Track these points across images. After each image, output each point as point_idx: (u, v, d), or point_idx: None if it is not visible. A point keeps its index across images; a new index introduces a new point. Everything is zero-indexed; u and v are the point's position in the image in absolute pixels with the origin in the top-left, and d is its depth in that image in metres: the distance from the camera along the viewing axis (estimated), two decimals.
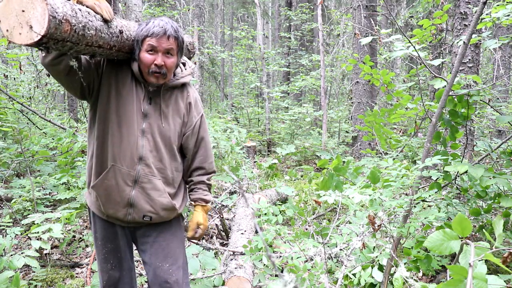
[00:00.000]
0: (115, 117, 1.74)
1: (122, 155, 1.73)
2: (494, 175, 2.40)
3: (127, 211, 1.78)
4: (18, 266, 2.47)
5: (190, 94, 1.89)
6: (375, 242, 2.94)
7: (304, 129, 9.62)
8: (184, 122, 1.86)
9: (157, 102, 1.79)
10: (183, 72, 1.88)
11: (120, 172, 1.74)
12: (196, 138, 1.91)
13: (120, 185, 1.75)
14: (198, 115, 1.91)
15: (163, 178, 1.81)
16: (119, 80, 1.76)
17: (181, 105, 1.85)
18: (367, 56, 2.91)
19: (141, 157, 1.75)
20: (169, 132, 1.80)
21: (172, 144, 1.82)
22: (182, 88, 1.88)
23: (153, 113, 1.77)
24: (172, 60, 1.72)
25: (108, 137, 1.75)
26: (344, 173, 2.84)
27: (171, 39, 1.68)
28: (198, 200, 1.96)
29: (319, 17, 8.28)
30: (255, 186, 5.65)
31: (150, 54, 1.68)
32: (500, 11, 2.52)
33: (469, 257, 1.19)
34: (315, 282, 2.33)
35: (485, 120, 7.04)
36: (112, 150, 1.74)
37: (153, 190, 1.78)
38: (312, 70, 12.21)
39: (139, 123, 1.75)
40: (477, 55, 4.32)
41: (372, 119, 3.16)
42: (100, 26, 1.45)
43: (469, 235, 1.29)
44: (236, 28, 15.93)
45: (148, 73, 1.70)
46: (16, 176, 5.13)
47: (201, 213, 1.95)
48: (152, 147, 1.77)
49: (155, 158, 1.78)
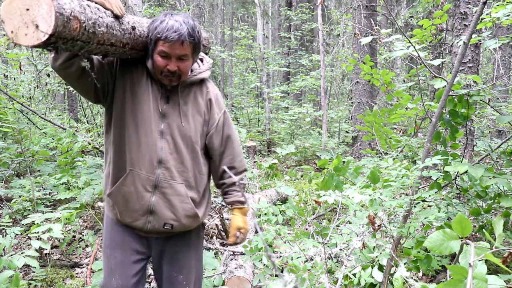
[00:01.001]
0: (131, 119, 1.64)
1: (140, 159, 1.63)
2: (494, 175, 2.40)
3: (147, 219, 1.67)
4: (18, 266, 2.47)
5: (210, 90, 1.77)
6: (375, 242, 2.94)
7: (304, 129, 9.62)
8: (205, 120, 1.74)
9: (175, 100, 1.68)
10: (200, 68, 1.76)
11: (138, 177, 1.63)
12: (221, 137, 1.78)
13: (139, 191, 1.64)
14: (220, 111, 1.78)
15: (185, 182, 1.69)
16: (134, 80, 1.66)
17: (201, 102, 1.73)
18: (367, 56, 2.91)
19: (160, 160, 1.64)
20: (189, 132, 1.68)
21: (194, 145, 1.70)
22: (200, 84, 1.76)
23: (171, 112, 1.67)
24: (187, 63, 1.61)
25: (125, 141, 1.65)
26: (344, 173, 2.84)
27: (186, 44, 1.55)
28: (234, 203, 1.84)
29: (319, 17, 8.28)
30: (255, 186, 5.65)
31: (163, 58, 1.56)
32: (500, 11, 2.52)
33: (469, 257, 1.19)
34: (315, 282, 2.33)
35: (485, 120, 7.04)
36: (130, 154, 1.64)
37: (175, 196, 1.66)
38: (312, 70, 12.20)
39: (157, 124, 1.64)
40: (477, 55, 4.32)
41: (372, 119, 3.16)
42: (111, 23, 1.36)
43: (469, 235, 1.29)
44: (236, 28, 15.94)
45: (161, 75, 1.60)
46: (16, 176, 5.13)
47: (240, 217, 1.84)
48: (172, 149, 1.66)
49: (176, 161, 1.66)
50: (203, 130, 1.73)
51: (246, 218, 1.86)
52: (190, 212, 1.70)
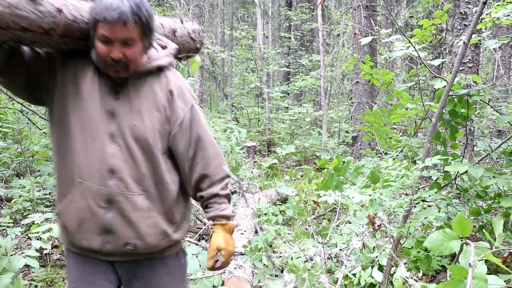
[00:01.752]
0: (75, 121, 1.36)
1: (88, 169, 1.35)
2: (494, 175, 2.41)
3: (104, 239, 1.38)
4: (19, 267, 2.47)
5: (170, 80, 1.44)
6: (375, 242, 2.94)
7: (304, 129, 9.62)
8: (166, 117, 1.41)
9: (125, 94, 1.38)
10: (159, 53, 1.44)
11: (89, 191, 1.35)
12: (188, 138, 1.44)
13: (91, 208, 1.35)
14: (186, 106, 1.45)
15: (145, 193, 1.39)
16: (78, 74, 1.38)
17: (160, 95, 1.41)
18: (367, 56, 2.91)
19: (112, 169, 1.35)
20: (145, 132, 1.37)
21: (152, 148, 1.39)
22: (158, 74, 1.44)
23: (121, 110, 1.37)
24: (135, 49, 1.31)
25: (70, 148, 1.36)
26: (344, 173, 2.84)
27: (130, 25, 1.25)
28: (215, 218, 1.49)
29: (319, 17, 8.28)
30: (255, 186, 5.65)
31: (105, 44, 1.28)
32: (500, 11, 2.52)
33: (469, 257, 1.19)
34: (315, 282, 2.33)
35: (485, 120, 7.04)
36: (77, 163, 1.36)
37: (134, 210, 1.37)
38: (312, 70, 12.20)
39: (106, 125, 1.36)
40: (477, 55, 4.32)
41: (372, 119, 3.16)
42: (16, 2, 1.12)
43: (469, 235, 1.29)
44: (236, 28, 15.94)
45: (105, 66, 1.32)
46: (16, 176, 5.13)
47: (222, 235, 1.48)
48: (126, 155, 1.36)
49: (131, 169, 1.37)
50: (164, 129, 1.42)
51: (230, 237, 1.51)
52: (155, 228, 1.41)
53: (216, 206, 1.49)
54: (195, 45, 1.66)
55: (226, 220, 1.50)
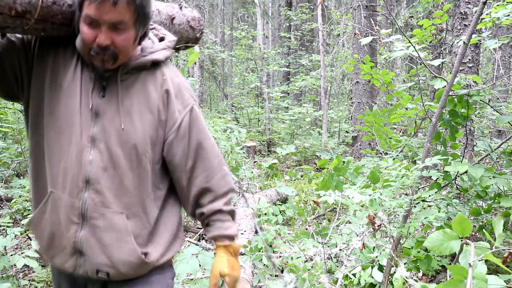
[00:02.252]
0: (51, 120, 1.16)
1: (62, 176, 1.15)
2: (494, 175, 2.41)
3: (76, 261, 1.17)
4: (18, 267, 2.47)
5: (167, 78, 1.22)
6: (375, 242, 2.94)
7: (304, 129, 9.63)
8: (160, 120, 1.20)
9: (113, 92, 1.17)
10: (155, 46, 1.23)
11: (61, 202, 1.15)
12: (186, 145, 1.22)
13: (63, 222, 1.16)
14: (184, 108, 1.23)
15: (126, 211, 1.16)
16: (58, 66, 1.17)
17: (154, 94, 1.20)
18: (367, 56, 2.91)
19: (88, 179, 1.14)
20: (134, 137, 1.16)
21: (141, 156, 1.17)
22: (154, 70, 1.23)
23: (107, 109, 1.16)
24: (126, 36, 1.10)
25: (44, 151, 1.17)
26: (344, 173, 2.84)
27: (121, 5, 1.05)
28: (218, 239, 1.27)
29: (319, 17, 8.28)
30: (255, 186, 5.65)
31: (90, 27, 1.08)
32: (500, 11, 2.52)
33: (469, 257, 1.19)
34: (315, 282, 2.33)
35: (485, 120, 7.04)
36: (50, 169, 1.17)
37: (109, 231, 1.15)
38: (312, 70, 12.21)
39: (87, 126, 1.15)
40: (477, 55, 4.32)
41: (372, 119, 3.16)
42: None
43: (469, 235, 1.29)
44: (236, 28, 15.95)
45: (90, 54, 1.11)
46: (16, 176, 5.13)
47: (224, 257, 1.26)
48: (107, 163, 1.14)
49: (112, 180, 1.15)
50: (157, 136, 1.20)
51: (235, 260, 1.28)
52: (131, 256, 1.17)
53: (219, 224, 1.27)
54: (194, 35, 1.45)
55: (230, 241, 1.28)
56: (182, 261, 2.13)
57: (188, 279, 2.86)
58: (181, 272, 2.11)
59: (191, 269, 2.70)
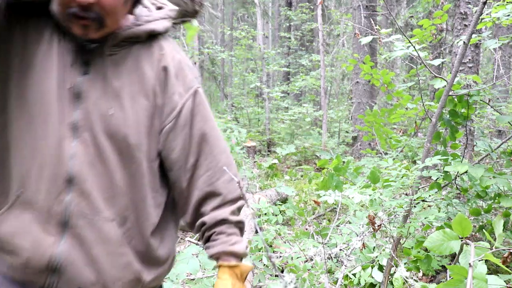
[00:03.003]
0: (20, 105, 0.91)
1: (35, 175, 0.90)
2: (494, 175, 2.41)
3: (49, 279, 0.90)
4: None
5: (166, 53, 0.98)
6: (375, 242, 2.94)
7: (304, 129, 9.63)
8: (156, 106, 0.96)
9: (99, 68, 0.93)
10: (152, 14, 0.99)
11: (32, 208, 0.90)
12: (188, 137, 0.98)
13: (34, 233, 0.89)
14: (186, 91, 0.99)
15: (118, 218, 0.93)
16: (28, 40, 0.92)
17: (149, 74, 0.96)
18: (367, 56, 2.91)
19: (71, 178, 0.90)
20: (124, 125, 0.92)
21: (134, 150, 0.94)
22: (150, 42, 0.98)
23: (91, 90, 0.92)
24: None
25: (10, 144, 0.92)
26: (344, 173, 2.84)
27: None
28: (221, 256, 0.98)
29: (319, 17, 8.28)
30: (255, 186, 5.65)
31: None
32: (500, 11, 2.52)
33: (469, 257, 1.19)
34: (315, 282, 2.34)
35: (485, 120, 7.04)
36: (19, 167, 0.91)
37: (98, 242, 0.91)
38: (312, 70, 12.21)
39: (66, 111, 0.90)
40: (477, 55, 4.33)
41: (372, 119, 3.16)
42: None
43: (469, 235, 1.29)
44: (236, 28, 15.95)
45: (66, 17, 0.86)
46: None
47: (228, 282, 0.96)
48: (93, 157, 0.91)
49: (100, 178, 0.92)
50: (153, 124, 0.96)
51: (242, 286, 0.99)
52: (126, 271, 0.95)
53: (223, 239, 0.98)
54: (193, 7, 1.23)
55: (237, 260, 0.98)
56: (182, 261, 2.13)
57: (188, 279, 2.86)
58: (181, 272, 2.11)
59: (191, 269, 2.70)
